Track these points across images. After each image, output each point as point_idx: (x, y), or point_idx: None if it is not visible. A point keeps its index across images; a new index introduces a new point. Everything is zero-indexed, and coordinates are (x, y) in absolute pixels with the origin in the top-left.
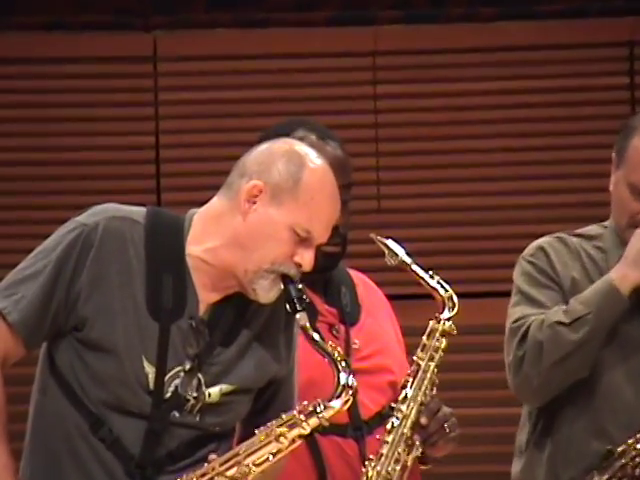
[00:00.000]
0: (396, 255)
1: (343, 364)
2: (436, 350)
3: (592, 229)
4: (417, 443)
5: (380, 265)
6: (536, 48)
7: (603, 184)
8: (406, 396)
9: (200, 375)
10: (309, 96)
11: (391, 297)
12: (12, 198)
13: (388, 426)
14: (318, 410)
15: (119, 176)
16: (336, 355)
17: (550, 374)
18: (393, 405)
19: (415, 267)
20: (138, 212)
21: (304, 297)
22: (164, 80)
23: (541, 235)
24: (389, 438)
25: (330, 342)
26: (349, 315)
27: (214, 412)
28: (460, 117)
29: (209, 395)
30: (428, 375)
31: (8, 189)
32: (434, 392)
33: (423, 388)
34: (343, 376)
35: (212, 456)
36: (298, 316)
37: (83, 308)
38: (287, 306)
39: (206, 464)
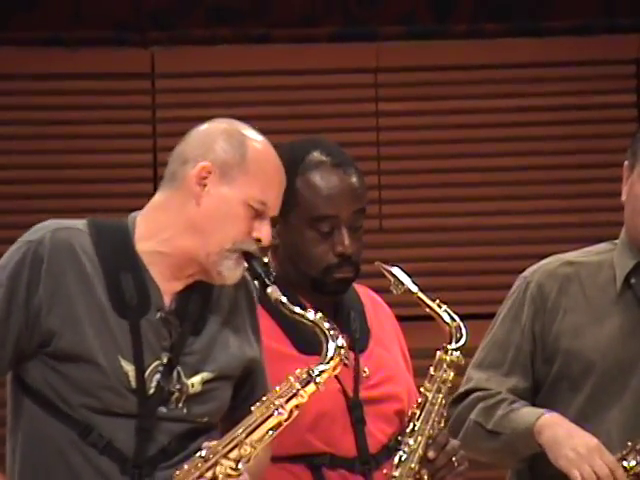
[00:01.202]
0: (402, 284)
1: (330, 331)
2: (443, 382)
3: (602, 247)
4: (425, 477)
5: (385, 286)
6: (541, 65)
7: (610, 204)
8: (413, 429)
9: (179, 367)
10: (310, 113)
11: (398, 319)
12: (8, 217)
13: (396, 460)
14: (313, 376)
15: (117, 194)
16: (319, 320)
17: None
18: (400, 438)
19: (422, 296)
20: (80, 223)
21: (271, 271)
22: (162, 97)
23: (545, 256)
24: (397, 473)
25: (309, 309)
26: (358, 342)
27: (199, 402)
28: (464, 135)
29: (192, 385)
30: (436, 408)
31: (5, 208)
32: (442, 425)
33: (431, 421)
34: (331, 344)
35: (205, 444)
36: (270, 290)
37: (46, 323)
38: (256, 283)
39: (205, 450)
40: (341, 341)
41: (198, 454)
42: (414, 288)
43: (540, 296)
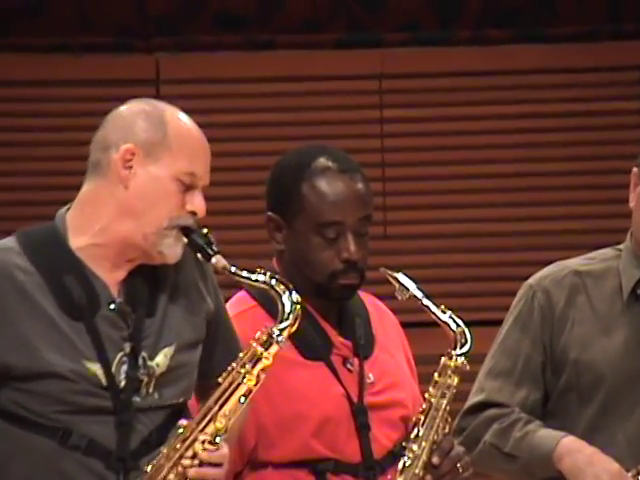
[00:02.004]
0: (407, 289)
1: (281, 286)
2: (448, 387)
3: (606, 254)
4: None
5: (389, 292)
6: (546, 72)
7: (614, 210)
8: (418, 435)
9: (143, 352)
10: (315, 119)
11: (402, 325)
12: (12, 224)
13: (400, 466)
14: (274, 336)
15: None
16: (269, 279)
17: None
18: (404, 444)
19: (426, 302)
20: (8, 241)
21: (212, 241)
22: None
23: (550, 262)
24: (401, 478)
25: (259, 269)
26: (363, 348)
27: (169, 383)
28: (468, 142)
29: (157, 365)
30: (440, 413)
31: (8, 215)
32: (447, 430)
33: (435, 427)
34: (286, 297)
35: (182, 422)
36: (214, 260)
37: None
38: (199, 256)
39: (181, 429)
40: (296, 296)
41: (175, 434)
42: (419, 294)
43: (548, 305)
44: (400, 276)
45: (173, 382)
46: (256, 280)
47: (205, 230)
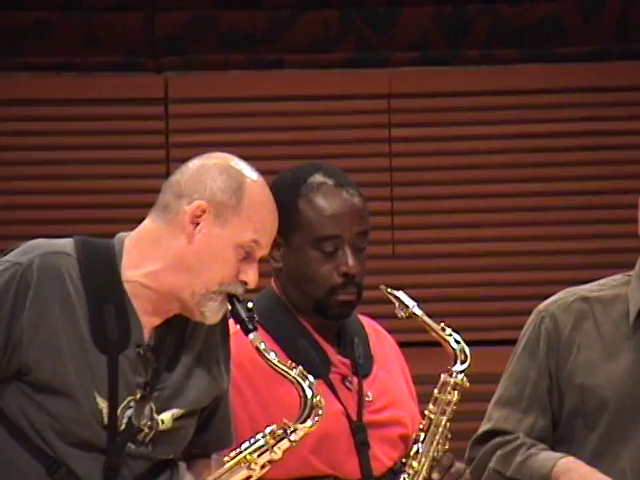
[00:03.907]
0: (406, 307)
1: (307, 383)
2: (448, 404)
3: (616, 280)
4: None
5: (393, 312)
6: (555, 91)
7: (626, 230)
8: (418, 451)
9: (151, 403)
10: (323, 139)
11: (403, 344)
12: (21, 241)
13: None
14: (288, 433)
15: (131, 219)
16: (297, 374)
17: None
18: (404, 460)
19: (426, 319)
20: (69, 244)
21: (254, 316)
22: (175, 122)
23: (560, 282)
24: None
25: (289, 361)
26: (362, 367)
27: (166, 440)
28: (476, 161)
29: (162, 422)
30: (440, 429)
31: (16, 233)
32: (446, 447)
33: (435, 443)
34: (310, 398)
35: None
36: (252, 336)
37: (28, 351)
38: (240, 327)
39: None
40: (320, 399)
41: None
42: (419, 311)
43: (555, 331)
44: (399, 294)
45: (170, 441)
46: (286, 372)
47: (251, 304)
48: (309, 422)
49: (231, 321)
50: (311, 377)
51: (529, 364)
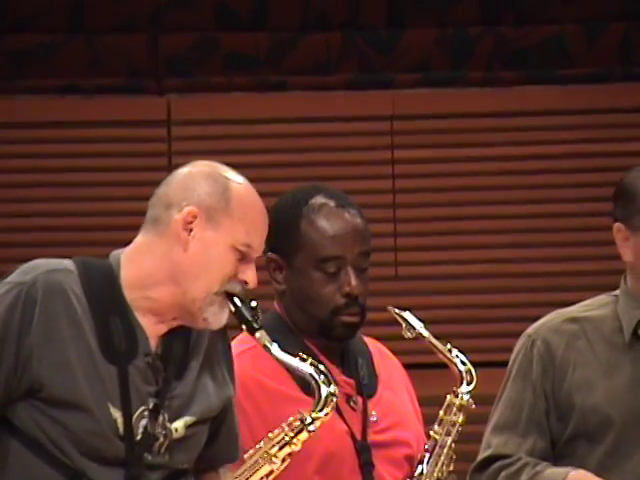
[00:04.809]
0: (413, 328)
1: (322, 377)
2: (453, 425)
3: (602, 300)
4: None
5: (397, 333)
6: (557, 113)
7: None
8: (422, 472)
9: (165, 412)
10: (326, 160)
11: (408, 366)
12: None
13: None
14: (306, 423)
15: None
16: (311, 368)
17: None
18: None
19: (433, 340)
20: (68, 263)
21: (259, 315)
22: (178, 144)
23: (563, 303)
24: None
25: (300, 354)
26: (366, 387)
27: (181, 448)
28: (480, 183)
29: (176, 430)
30: (445, 450)
31: (17, 255)
32: (451, 468)
33: (440, 464)
34: (324, 389)
35: None
36: (258, 335)
37: (38, 368)
38: (245, 328)
39: None
40: (333, 388)
41: None
42: (425, 332)
43: (548, 353)
44: (407, 314)
45: (184, 449)
46: (296, 366)
47: (254, 303)
48: (325, 410)
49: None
50: (322, 366)
51: (524, 387)
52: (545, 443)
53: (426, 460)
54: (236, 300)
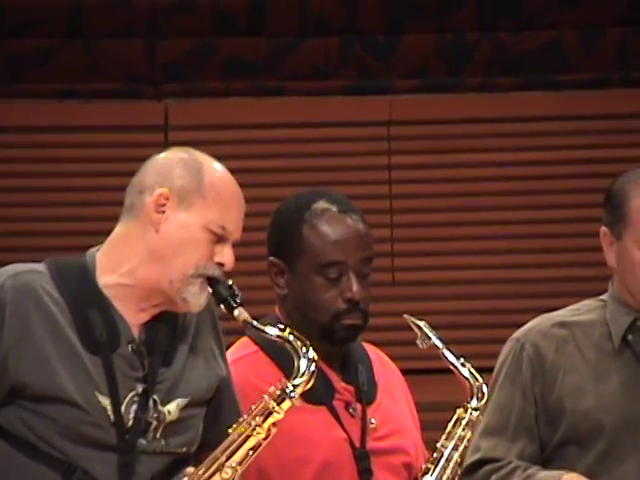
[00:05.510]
0: (429, 339)
1: (299, 343)
2: (461, 440)
3: (590, 305)
4: None
5: (395, 339)
6: (555, 119)
7: None
8: None
9: (154, 395)
10: (323, 165)
11: (406, 372)
12: None
13: None
14: (287, 391)
15: None
16: (287, 334)
17: None
18: None
19: (447, 353)
20: (38, 265)
21: (236, 293)
22: None
23: (560, 309)
24: None
25: (280, 325)
26: (366, 394)
27: (177, 432)
28: (477, 188)
29: (168, 412)
30: (451, 464)
31: (14, 260)
32: None
33: (445, 478)
34: (303, 354)
35: (189, 469)
36: (237, 312)
37: (16, 370)
38: (222, 307)
39: (186, 477)
40: (312, 353)
41: None
42: (440, 344)
43: (537, 357)
44: (422, 324)
45: (181, 431)
46: (275, 335)
47: (230, 282)
48: (304, 377)
49: (229, 354)
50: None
51: (513, 392)
52: (534, 447)
53: (430, 472)
54: (213, 282)
